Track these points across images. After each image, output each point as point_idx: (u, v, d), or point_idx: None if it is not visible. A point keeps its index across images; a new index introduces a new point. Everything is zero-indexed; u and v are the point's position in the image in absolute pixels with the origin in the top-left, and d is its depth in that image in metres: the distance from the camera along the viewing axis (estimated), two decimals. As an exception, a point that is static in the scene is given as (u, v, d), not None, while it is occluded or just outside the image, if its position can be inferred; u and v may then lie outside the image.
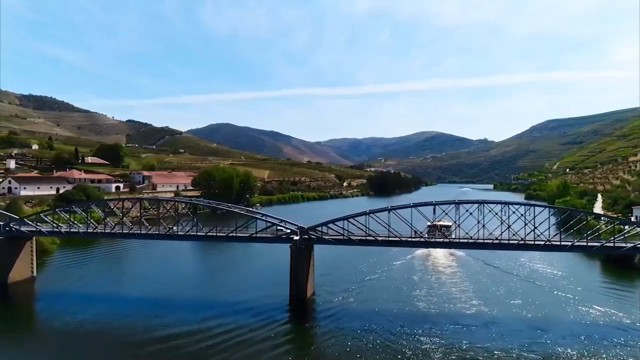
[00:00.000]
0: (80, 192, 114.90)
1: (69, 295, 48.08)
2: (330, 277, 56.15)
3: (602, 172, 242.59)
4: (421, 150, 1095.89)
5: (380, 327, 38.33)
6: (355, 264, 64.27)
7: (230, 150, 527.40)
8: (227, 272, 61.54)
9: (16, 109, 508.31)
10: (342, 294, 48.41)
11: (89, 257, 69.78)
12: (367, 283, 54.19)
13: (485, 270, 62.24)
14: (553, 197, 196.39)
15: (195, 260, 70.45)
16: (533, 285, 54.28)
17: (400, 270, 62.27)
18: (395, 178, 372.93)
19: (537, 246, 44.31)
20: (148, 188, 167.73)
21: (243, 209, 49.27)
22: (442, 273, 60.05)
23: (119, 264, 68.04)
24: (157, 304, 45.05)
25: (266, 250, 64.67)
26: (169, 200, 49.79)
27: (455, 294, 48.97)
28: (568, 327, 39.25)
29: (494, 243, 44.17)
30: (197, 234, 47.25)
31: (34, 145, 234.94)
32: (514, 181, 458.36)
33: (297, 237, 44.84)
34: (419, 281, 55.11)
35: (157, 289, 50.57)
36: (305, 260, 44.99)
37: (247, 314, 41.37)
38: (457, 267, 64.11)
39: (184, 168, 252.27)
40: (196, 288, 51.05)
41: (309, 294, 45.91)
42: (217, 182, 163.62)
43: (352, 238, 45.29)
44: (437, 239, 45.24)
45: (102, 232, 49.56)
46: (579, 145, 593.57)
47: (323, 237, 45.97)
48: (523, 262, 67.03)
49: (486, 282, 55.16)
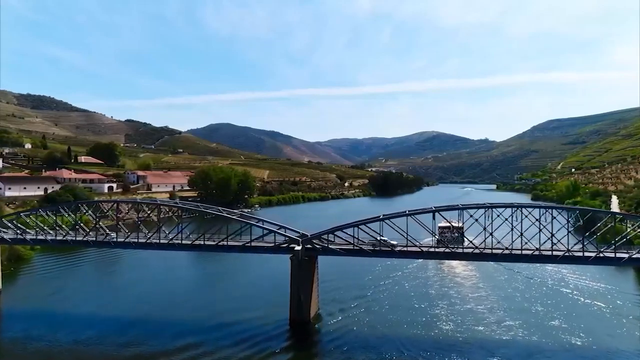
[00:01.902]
0: (68, 192, 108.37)
1: (36, 315, 41.49)
2: (334, 288, 49.64)
3: (612, 171, 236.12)
4: (422, 150, 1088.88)
5: (399, 359, 31.66)
6: (362, 271, 57.80)
7: (229, 150, 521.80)
8: (218, 285, 54.61)
9: (14, 108, 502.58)
10: (350, 313, 41.68)
11: (71, 265, 63.24)
12: (378, 297, 47.47)
13: (510, 280, 55.50)
14: (562, 197, 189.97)
15: (183, 269, 63.15)
16: (570, 299, 47.43)
17: (414, 280, 55.67)
18: (397, 178, 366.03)
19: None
20: (143, 188, 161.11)
21: (235, 214, 42.45)
22: (461, 285, 53.26)
23: (103, 272, 61.49)
24: (135, 326, 38.44)
25: (264, 258, 58.00)
26: (148, 203, 43.11)
27: (483, 313, 42.19)
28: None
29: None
30: (181, 242, 40.37)
31: (26, 145, 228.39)
32: (517, 181, 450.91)
33: (299, 247, 38.06)
34: (437, 295, 48.31)
35: (138, 307, 43.97)
36: (308, 275, 38.36)
37: (239, 341, 34.64)
38: (477, 275, 57.43)
39: (181, 168, 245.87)
40: (181, 307, 43.89)
41: (312, 313, 39.19)
42: (214, 183, 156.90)
43: (363, 248, 38.43)
44: (465, 250, 38.17)
45: (72, 240, 42.78)
46: (581, 145, 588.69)
47: (329, 246, 39.13)
48: (550, 269, 60.04)
49: (516, 296, 48.36)
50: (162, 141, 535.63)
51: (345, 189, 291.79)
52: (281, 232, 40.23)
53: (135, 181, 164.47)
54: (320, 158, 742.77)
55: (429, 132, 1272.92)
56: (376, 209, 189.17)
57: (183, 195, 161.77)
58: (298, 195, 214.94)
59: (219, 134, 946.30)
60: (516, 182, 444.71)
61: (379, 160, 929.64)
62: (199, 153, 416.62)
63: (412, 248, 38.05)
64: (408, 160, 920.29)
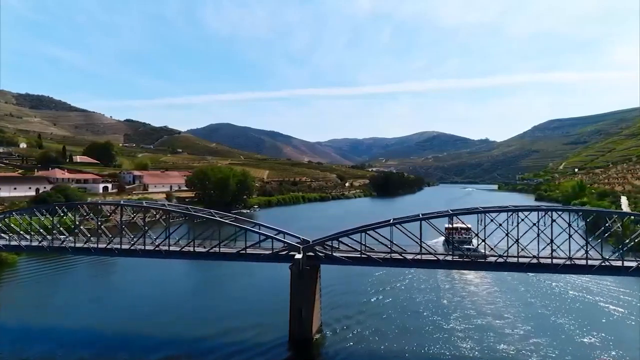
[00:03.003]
0: (59, 193, 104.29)
1: (6, 329, 37.40)
2: (337, 295, 45.56)
3: (617, 171, 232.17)
4: (422, 150, 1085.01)
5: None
6: (367, 276, 53.68)
7: (229, 150, 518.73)
8: (210, 293, 50.27)
9: (12, 108, 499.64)
10: (356, 328, 37.47)
11: (59, 270, 59.19)
12: (386, 307, 43.34)
13: (527, 287, 51.18)
14: (568, 198, 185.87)
15: (172, 275, 57.40)
16: (602, 311, 42.97)
17: (423, 286, 51.55)
18: (398, 178, 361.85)
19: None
20: (139, 189, 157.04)
21: (229, 217, 38.30)
22: (475, 293, 49.06)
23: (89, 279, 57.35)
24: (116, 341, 34.41)
25: (261, 263, 53.79)
26: (133, 205, 39.06)
27: (503, 328, 37.89)
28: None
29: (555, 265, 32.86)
30: (169, 249, 36.24)
31: (21, 144, 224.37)
32: (519, 181, 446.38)
33: (300, 255, 33.94)
34: (450, 306, 44.12)
35: (121, 319, 39.84)
36: (310, 286, 34.25)
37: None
38: (491, 281, 53.21)
39: (180, 168, 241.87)
40: (168, 319, 39.35)
41: (315, 328, 35.05)
42: (212, 183, 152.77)
43: (372, 257, 34.26)
44: (487, 259, 33.68)
45: (49, 247, 38.59)
46: (583, 145, 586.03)
47: (333, 254, 34.97)
48: (575, 278, 55.12)
49: (537, 306, 44.03)
50: (162, 141, 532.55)
51: (346, 189, 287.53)
52: (280, 237, 36.05)
53: (131, 181, 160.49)
54: (320, 158, 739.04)
55: (429, 132, 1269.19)
56: (379, 210, 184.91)
57: (180, 195, 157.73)
58: (298, 195, 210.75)
59: (218, 134, 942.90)
60: (518, 182, 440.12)
61: (379, 161, 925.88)
62: (198, 153, 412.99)
63: (427, 256, 33.88)
64: (408, 160, 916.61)
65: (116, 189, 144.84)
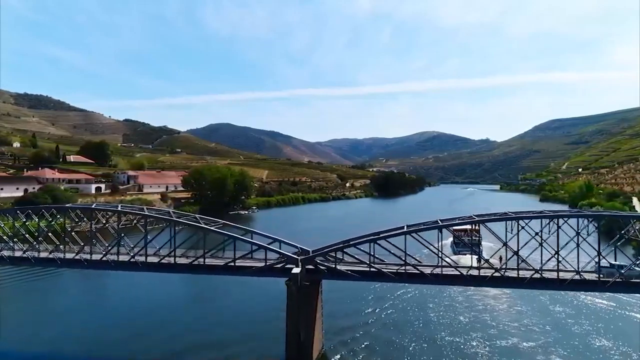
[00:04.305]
0: (46, 194, 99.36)
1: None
2: (340, 312, 40.16)
3: (624, 171, 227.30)
4: (422, 150, 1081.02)
5: None
6: (373, 287, 48.38)
7: (228, 150, 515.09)
8: (195, 308, 44.14)
9: (10, 107, 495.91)
10: (363, 352, 32.30)
11: (31, 279, 54.00)
12: (397, 325, 38.07)
13: (553, 300, 45.48)
14: (575, 199, 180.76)
15: (152, 285, 49.65)
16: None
17: (437, 298, 46.26)
18: (399, 178, 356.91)
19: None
20: (133, 189, 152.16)
21: (217, 223, 33.06)
22: (495, 308, 43.67)
23: (57, 288, 52.24)
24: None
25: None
26: (105, 210, 33.88)
27: (535, 352, 32.57)
28: None
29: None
30: (145, 260, 31.04)
31: (15, 143, 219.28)
32: (521, 182, 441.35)
33: (298, 268, 28.81)
34: (469, 324, 38.64)
35: (91, 339, 34.75)
36: (310, 304, 29.17)
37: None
38: (510, 292, 47.83)
39: (177, 168, 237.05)
40: (144, 341, 33.94)
41: (316, 354, 29.92)
42: (209, 183, 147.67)
43: (383, 271, 29.02)
44: (521, 273, 27.99)
45: (9, 257, 33.40)
46: (584, 145, 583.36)
47: (337, 267, 29.78)
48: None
49: (570, 325, 38.41)
50: (161, 141, 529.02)
51: (347, 189, 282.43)
52: (274, 247, 30.83)
53: (126, 181, 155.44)
54: (320, 158, 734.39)
55: (430, 132, 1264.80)
56: (381, 211, 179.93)
57: (176, 196, 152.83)
58: (298, 196, 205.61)
59: (218, 134, 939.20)
60: (520, 183, 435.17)
61: (380, 161, 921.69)
62: (197, 153, 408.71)
63: (448, 269, 28.68)
64: (409, 161, 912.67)
65: (109, 190, 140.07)
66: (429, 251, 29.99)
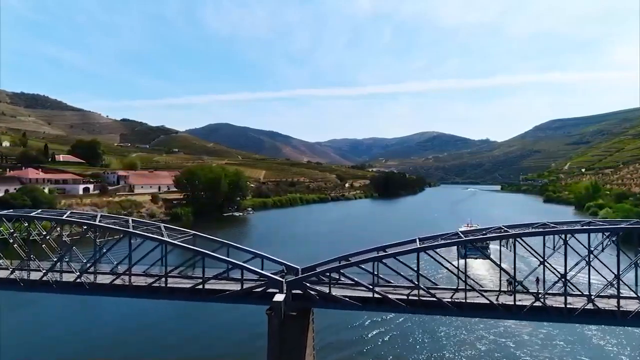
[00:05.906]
0: (25, 195, 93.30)
1: None
2: (336, 341, 32.94)
3: (630, 171, 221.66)
4: (423, 150, 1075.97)
5: None
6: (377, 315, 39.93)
7: (227, 150, 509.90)
8: (164, 334, 35.37)
9: (5, 107, 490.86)
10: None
11: None
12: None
13: (612, 337, 35.18)
14: (582, 199, 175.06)
15: (112, 305, 39.83)
16: None
17: (451, 327, 37.14)
18: (399, 178, 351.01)
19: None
20: (124, 190, 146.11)
21: (185, 234, 26.88)
22: (521, 335, 35.23)
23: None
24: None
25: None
26: (46, 219, 27.76)
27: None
28: None
29: None
30: (94, 280, 24.96)
31: (4, 143, 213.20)
32: (523, 182, 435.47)
33: (282, 295, 22.61)
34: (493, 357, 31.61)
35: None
36: (298, 339, 23.11)
37: None
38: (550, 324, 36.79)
39: (172, 168, 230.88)
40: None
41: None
42: (202, 183, 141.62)
43: (390, 298, 22.37)
44: (569, 301, 21.31)
45: None
46: (586, 145, 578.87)
47: (331, 293, 23.48)
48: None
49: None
50: (158, 141, 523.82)
51: (346, 190, 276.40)
52: (255, 265, 24.64)
53: (116, 182, 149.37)
54: (319, 158, 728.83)
55: (430, 132, 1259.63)
56: (381, 213, 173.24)
57: (168, 197, 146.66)
58: (295, 196, 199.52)
59: (218, 134, 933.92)
60: (522, 183, 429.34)
61: (380, 161, 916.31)
62: (195, 153, 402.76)
63: (474, 297, 22.15)
64: (409, 161, 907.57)
65: (98, 190, 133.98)
66: (441, 265, 24.05)
